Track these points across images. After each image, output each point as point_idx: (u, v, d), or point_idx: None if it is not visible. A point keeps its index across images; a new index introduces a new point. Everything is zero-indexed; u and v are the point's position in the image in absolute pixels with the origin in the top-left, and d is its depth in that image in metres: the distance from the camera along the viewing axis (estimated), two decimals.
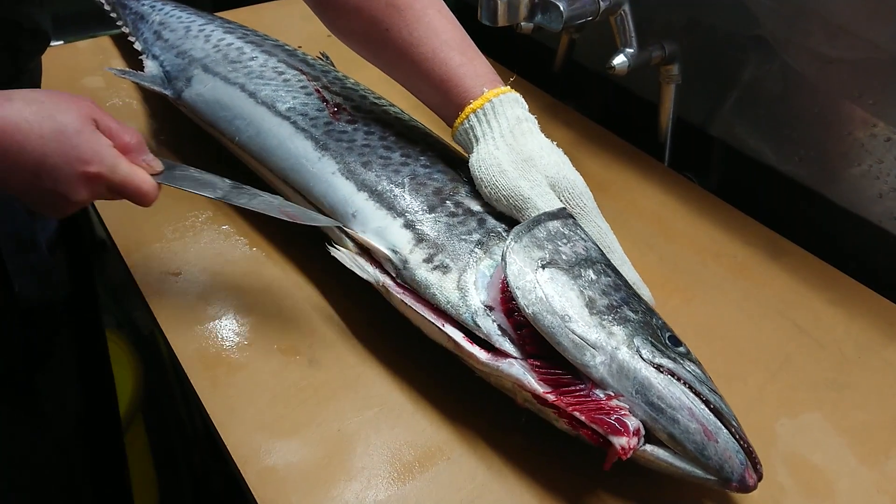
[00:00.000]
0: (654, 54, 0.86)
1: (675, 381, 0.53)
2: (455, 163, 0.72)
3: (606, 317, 0.55)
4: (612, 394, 0.53)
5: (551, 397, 0.53)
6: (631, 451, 0.51)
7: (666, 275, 0.77)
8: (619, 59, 0.83)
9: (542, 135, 0.67)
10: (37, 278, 0.77)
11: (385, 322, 0.67)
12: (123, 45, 1.06)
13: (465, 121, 0.66)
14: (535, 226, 0.60)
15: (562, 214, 0.62)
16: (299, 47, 1.00)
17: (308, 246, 0.76)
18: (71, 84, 1.00)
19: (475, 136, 0.66)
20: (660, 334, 0.56)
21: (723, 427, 0.52)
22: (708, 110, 0.92)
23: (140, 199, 0.60)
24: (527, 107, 0.69)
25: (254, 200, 0.64)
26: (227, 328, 0.68)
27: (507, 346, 0.57)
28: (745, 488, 0.52)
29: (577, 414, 0.52)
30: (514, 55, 1.12)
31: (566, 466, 0.57)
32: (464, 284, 0.59)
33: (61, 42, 1.31)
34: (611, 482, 0.56)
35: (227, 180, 0.65)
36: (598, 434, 0.52)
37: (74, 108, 0.57)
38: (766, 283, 0.76)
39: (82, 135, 0.56)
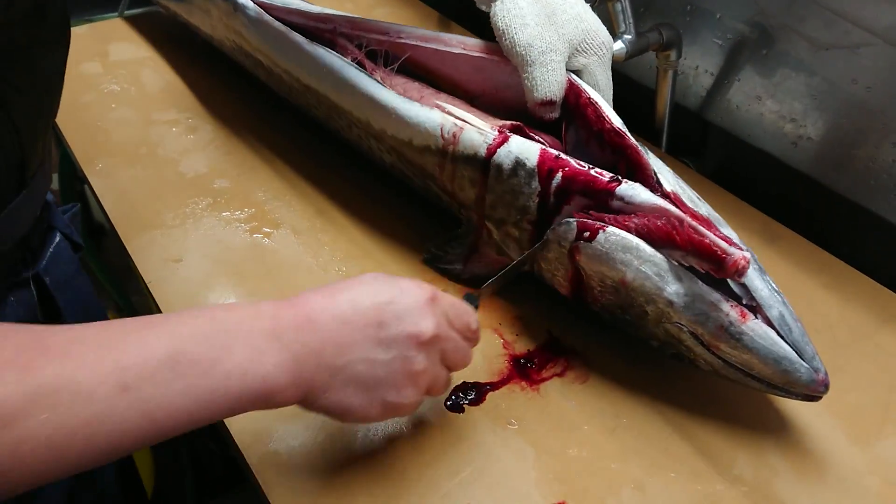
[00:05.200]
0: (651, 40, 0.86)
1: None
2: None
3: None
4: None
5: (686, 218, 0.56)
6: (747, 266, 0.53)
7: None
8: (617, 46, 0.83)
9: None
10: None
11: None
12: (121, 29, 1.06)
13: None
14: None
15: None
16: None
17: (310, 233, 0.77)
18: (69, 70, 0.98)
19: None
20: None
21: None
22: (705, 96, 0.92)
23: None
24: None
25: None
26: None
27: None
28: (820, 386, 0.55)
29: (699, 227, 0.55)
30: None
31: (571, 444, 0.59)
32: None
33: None
34: (614, 465, 0.57)
35: None
36: (712, 252, 0.54)
37: None
38: None
39: None
